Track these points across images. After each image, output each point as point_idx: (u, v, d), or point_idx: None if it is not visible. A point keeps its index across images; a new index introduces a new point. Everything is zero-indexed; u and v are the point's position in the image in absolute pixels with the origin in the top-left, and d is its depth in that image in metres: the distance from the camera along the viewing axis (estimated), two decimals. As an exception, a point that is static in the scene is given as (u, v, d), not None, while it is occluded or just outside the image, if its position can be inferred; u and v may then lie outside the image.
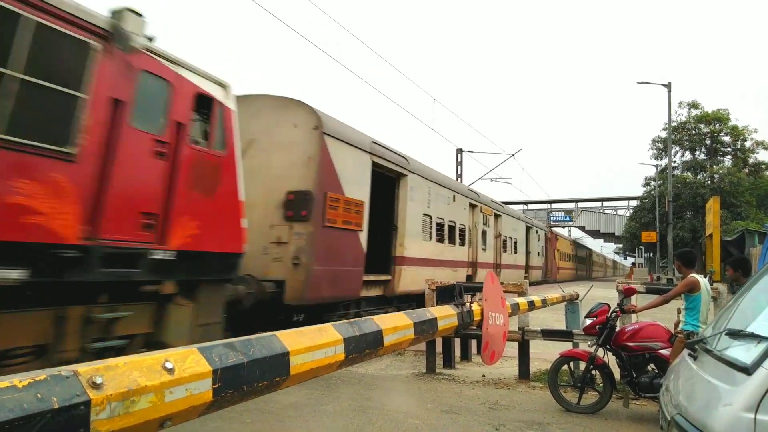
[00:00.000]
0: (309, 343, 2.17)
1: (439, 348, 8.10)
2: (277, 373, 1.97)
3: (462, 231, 15.18)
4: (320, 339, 2.25)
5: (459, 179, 30.69)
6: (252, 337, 1.96)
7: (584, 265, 53.95)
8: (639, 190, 51.45)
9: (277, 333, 2.11)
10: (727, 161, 43.64)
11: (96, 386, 1.37)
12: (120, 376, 1.45)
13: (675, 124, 40.35)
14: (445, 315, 3.66)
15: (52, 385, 1.29)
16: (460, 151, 32.61)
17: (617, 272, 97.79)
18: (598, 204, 73.78)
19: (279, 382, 2.00)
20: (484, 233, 17.30)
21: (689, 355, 3.04)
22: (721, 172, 41.53)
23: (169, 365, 1.58)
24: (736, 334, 2.62)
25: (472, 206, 16.25)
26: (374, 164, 10.07)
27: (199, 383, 1.65)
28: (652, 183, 46.99)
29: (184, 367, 1.62)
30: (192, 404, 1.63)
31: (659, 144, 44.51)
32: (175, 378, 1.57)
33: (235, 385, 1.77)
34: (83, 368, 1.39)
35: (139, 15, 4.87)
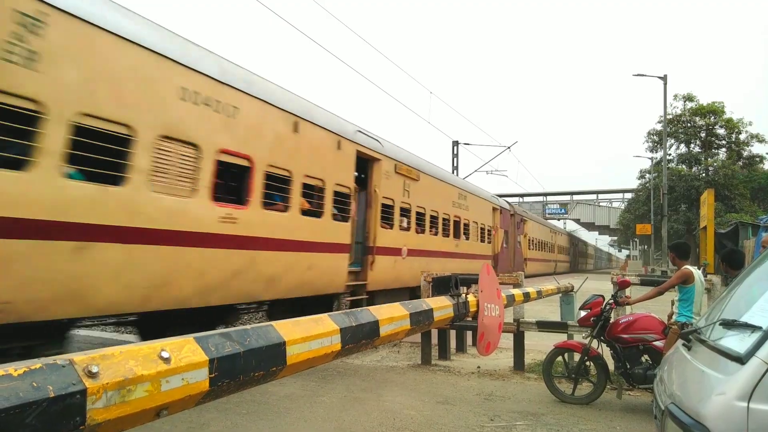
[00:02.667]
0: (305, 333, 2.17)
1: (434, 340, 8.13)
2: (274, 362, 1.98)
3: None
4: (317, 329, 2.25)
5: (455, 172, 30.66)
6: (248, 326, 1.96)
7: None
8: (634, 183, 51.66)
9: (274, 323, 2.11)
10: (722, 154, 43.82)
11: (92, 375, 1.37)
12: (116, 365, 1.44)
13: (670, 116, 40.44)
14: (441, 306, 3.67)
15: (47, 373, 1.28)
16: (455, 143, 32.60)
17: (611, 264, 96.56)
18: (594, 196, 74.00)
19: (275, 371, 2.00)
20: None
21: (683, 345, 3.06)
22: (715, 164, 41.70)
23: (165, 354, 1.58)
24: (730, 324, 2.64)
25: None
26: None
27: (196, 372, 1.65)
28: (647, 175, 47.15)
29: (180, 356, 1.62)
30: (188, 393, 1.63)
31: (654, 136, 44.61)
32: (171, 367, 1.57)
33: (231, 374, 1.77)
34: (79, 357, 1.38)
35: None
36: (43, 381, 1.26)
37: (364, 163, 9.94)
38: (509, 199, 29.05)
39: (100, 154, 4.86)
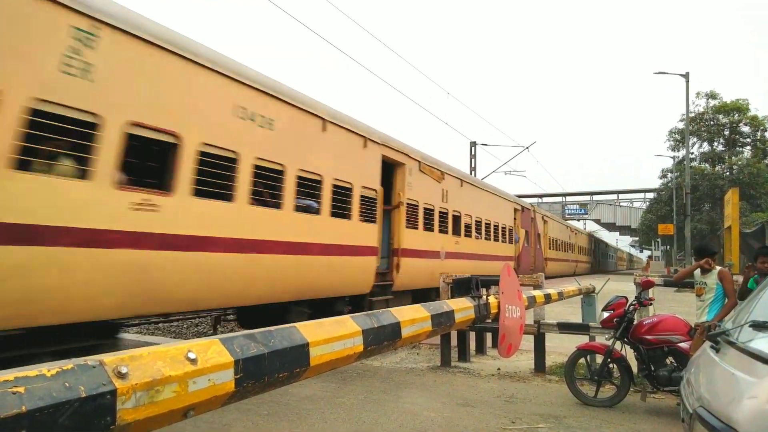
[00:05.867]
0: (328, 335, 2.18)
1: (454, 341, 8.10)
2: (298, 364, 1.98)
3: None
4: (339, 330, 2.25)
5: (473, 173, 30.52)
6: (272, 328, 1.97)
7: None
8: (656, 182, 50.86)
9: (297, 324, 2.12)
10: (747, 152, 42.89)
11: (121, 376, 1.39)
12: (144, 366, 1.46)
13: (693, 114, 39.76)
14: (462, 307, 3.65)
15: (79, 374, 1.30)
16: (473, 144, 32.45)
17: (621, 265, 75.62)
18: (614, 197, 73.00)
19: (299, 373, 2.01)
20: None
21: (711, 347, 3.00)
22: (740, 163, 40.85)
23: (192, 355, 1.59)
24: (761, 326, 2.58)
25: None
26: None
27: (222, 373, 1.66)
28: (669, 175, 46.41)
29: (206, 357, 1.64)
30: (215, 394, 1.64)
31: (676, 135, 43.87)
32: (198, 368, 1.59)
33: (256, 375, 1.79)
34: (109, 358, 1.41)
35: None
36: (74, 381, 1.28)
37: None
38: (528, 200, 27.90)
39: None
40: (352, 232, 8.43)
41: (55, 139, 4.36)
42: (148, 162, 5.93)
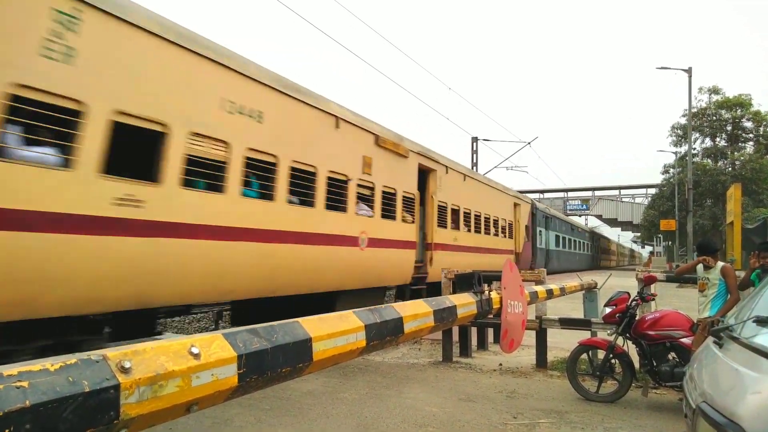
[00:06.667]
0: (331, 330, 2.18)
1: (455, 337, 8.10)
2: (300, 359, 1.98)
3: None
4: (342, 326, 2.25)
5: (474, 168, 30.48)
6: (275, 323, 1.97)
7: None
8: (658, 178, 50.79)
9: (299, 319, 2.11)
10: (749, 147, 42.79)
11: (125, 370, 1.39)
12: (148, 361, 1.46)
13: (695, 110, 39.62)
14: (465, 303, 3.65)
15: (82, 368, 1.30)
16: (475, 139, 32.40)
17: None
18: (616, 192, 72.92)
19: (302, 368, 2.01)
20: None
21: (714, 342, 2.99)
22: (742, 158, 40.75)
23: (195, 350, 1.59)
24: (764, 322, 2.58)
25: None
26: None
27: (225, 368, 1.66)
28: (672, 170, 46.34)
29: (209, 352, 1.64)
30: (218, 389, 1.64)
31: (679, 131, 43.79)
32: (201, 363, 1.59)
33: (259, 370, 1.78)
34: (112, 353, 1.40)
35: None
36: (78, 376, 1.28)
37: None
38: (530, 195, 28.09)
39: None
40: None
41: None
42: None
